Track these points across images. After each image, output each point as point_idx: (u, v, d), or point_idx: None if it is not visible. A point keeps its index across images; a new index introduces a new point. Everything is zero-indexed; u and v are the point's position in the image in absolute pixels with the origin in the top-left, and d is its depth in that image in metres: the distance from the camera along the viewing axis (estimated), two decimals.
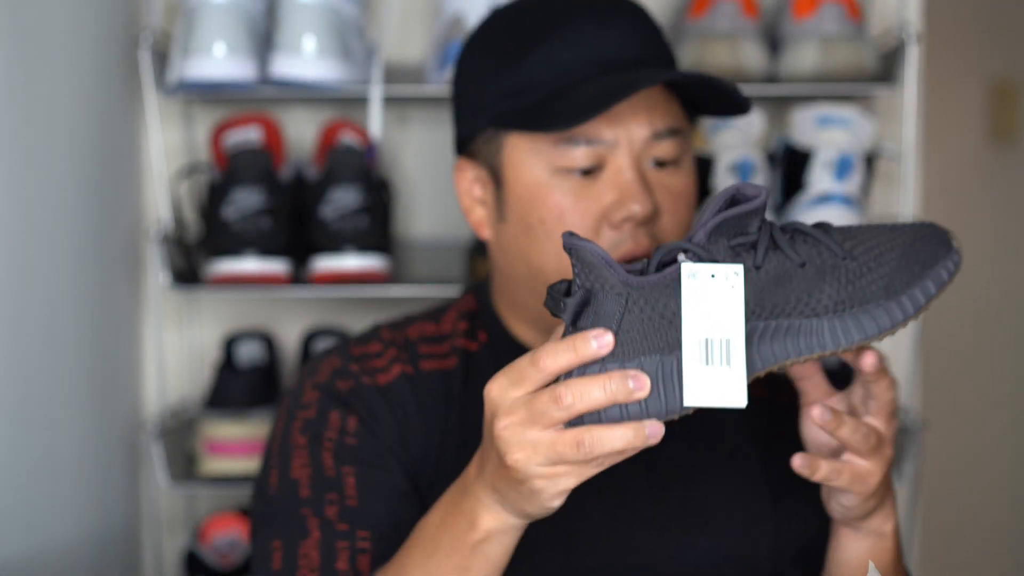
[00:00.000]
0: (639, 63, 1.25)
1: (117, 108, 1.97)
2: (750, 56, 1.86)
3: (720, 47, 1.86)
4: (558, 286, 1.03)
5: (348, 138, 1.95)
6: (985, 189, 3.45)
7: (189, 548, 1.94)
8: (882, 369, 1.10)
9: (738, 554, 1.31)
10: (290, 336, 2.10)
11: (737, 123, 1.88)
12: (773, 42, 1.95)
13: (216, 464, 1.91)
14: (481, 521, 1.07)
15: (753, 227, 1.02)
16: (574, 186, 1.24)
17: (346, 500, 1.22)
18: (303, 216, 1.91)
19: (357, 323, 2.10)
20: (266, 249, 1.86)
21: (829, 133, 1.89)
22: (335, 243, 1.86)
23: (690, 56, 1.86)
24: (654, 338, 1.00)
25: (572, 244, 1.01)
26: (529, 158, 1.25)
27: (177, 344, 2.09)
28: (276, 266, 1.87)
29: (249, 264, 1.85)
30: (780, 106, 2.07)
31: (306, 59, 1.83)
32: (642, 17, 1.30)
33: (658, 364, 1.00)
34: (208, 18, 1.82)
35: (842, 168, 1.83)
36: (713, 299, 1.00)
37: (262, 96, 1.94)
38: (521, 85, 1.25)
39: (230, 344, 2.04)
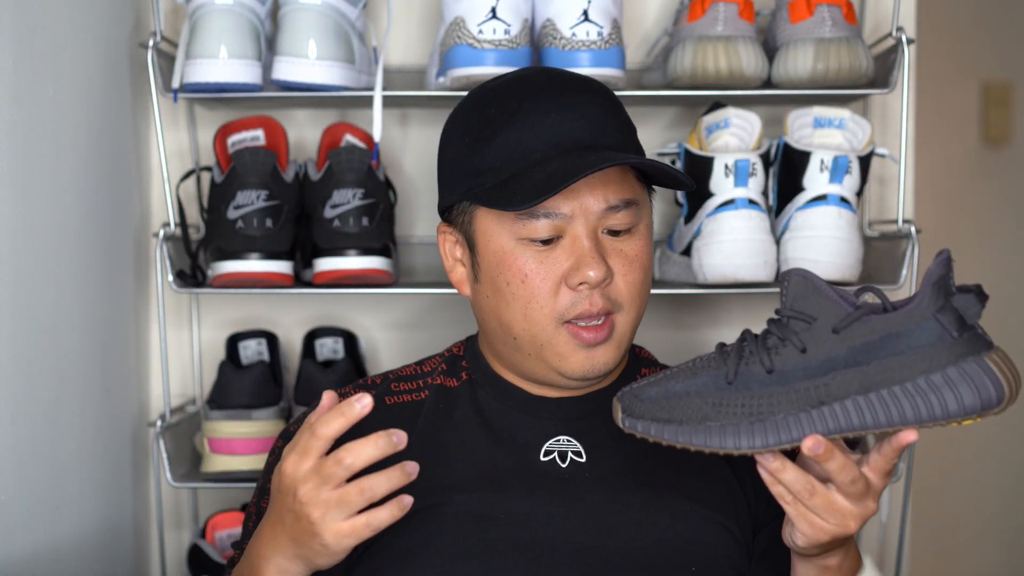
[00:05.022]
0: (595, 145, 1.38)
1: (123, 111, 1.99)
2: (747, 59, 1.88)
3: (717, 50, 1.88)
4: None
5: (350, 139, 1.98)
6: (978, 191, 3.47)
7: (194, 545, 1.96)
8: (826, 451, 1.19)
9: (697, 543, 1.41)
10: (293, 335, 2.12)
11: (734, 125, 1.89)
12: (770, 45, 1.97)
13: (220, 462, 1.92)
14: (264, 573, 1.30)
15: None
16: (536, 253, 1.37)
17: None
18: (306, 216, 1.94)
19: (359, 323, 2.12)
20: (269, 249, 1.88)
21: (825, 135, 1.91)
22: (337, 243, 1.88)
23: (688, 60, 1.88)
24: None
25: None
26: (496, 228, 1.39)
27: (182, 343, 2.11)
28: (279, 266, 1.89)
29: (253, 264, 1.87)
30: (777, 108, 2.09)
31: (308, 63, 1.85)
32: (601, 98, 1.42)
33: None
34: (212, 23, 1.84)
35: (838, 170, 1.85)
36: None
37: (265, 98, 1.96)
38: (487, 165, 1.38)
39: (234, 343, 2.05)
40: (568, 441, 1.44)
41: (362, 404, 1.20)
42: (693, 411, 1.17)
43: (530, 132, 1.37)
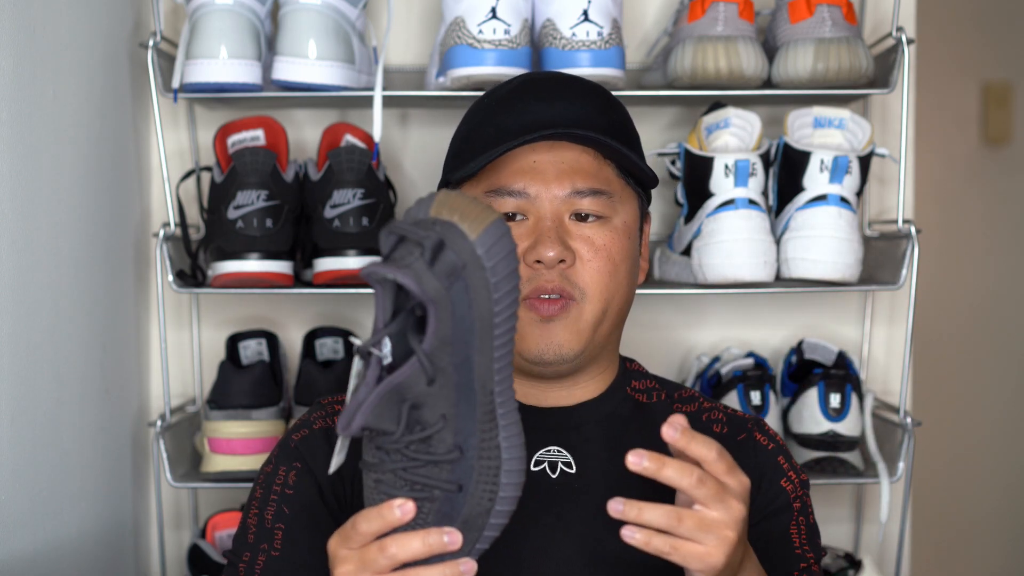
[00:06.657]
0: (572, 128, 1.40)
1: (123, 111, 1.99)
2: (747, 59, 1.88)
3: (717, 50, 1.88)
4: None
5: (350, 139, 1.98)
6: (978, 191, 3.47)
7: (194, 544, 1.96)
8: (685, 434, 1.17)
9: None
10: (293, 335, 2.12)
11: (734, 125, 1.90)
12: (770, 45, 1.97)
13: (220, 462, 1.92)
14: None
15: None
16: None
17: (272, 552, 1.39)
18: (306, 216, 1.94)
19: (359, 322, 2.12)
20: (269, 249, 1.88)
21: (825, 135, 1.92)
22: (337, 243, 1.88)
23: (688, 60, 1.88)
24: None
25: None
26: None
27: (182, 343, 2.11)
28: (279, 266, 1.89)
29: (253, 264, 1.87)
30: (777, 108, 2.09)
31: (308, 63, 1.85)
32: (595, 96, 1.45)
33: None
34: (212, 23, 1.84)
35: (838, 170, 1.86)
36: None
37: (265, 98, 1.96)
38: (470, 148, 1.43)
39: (234, 343, 2.06)
40: (559, 451, 1.44)
41: (402, 511, 1.16)
42: None
43: (516, 117, 1.42)
